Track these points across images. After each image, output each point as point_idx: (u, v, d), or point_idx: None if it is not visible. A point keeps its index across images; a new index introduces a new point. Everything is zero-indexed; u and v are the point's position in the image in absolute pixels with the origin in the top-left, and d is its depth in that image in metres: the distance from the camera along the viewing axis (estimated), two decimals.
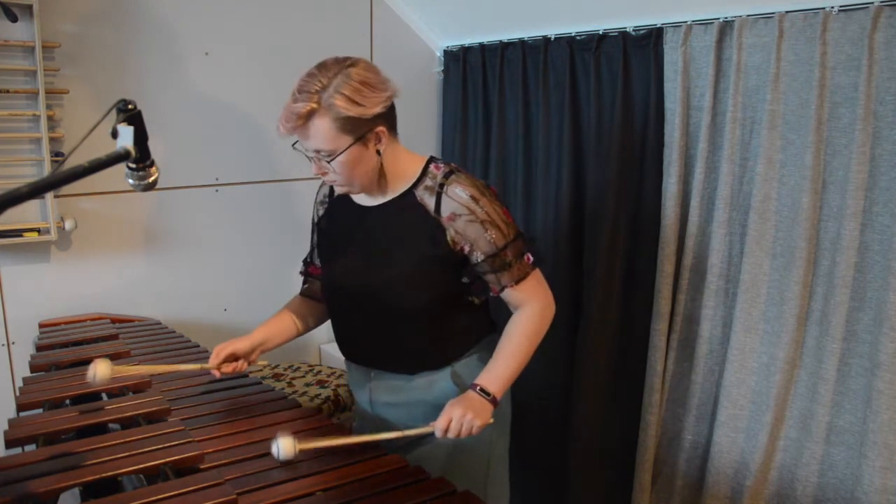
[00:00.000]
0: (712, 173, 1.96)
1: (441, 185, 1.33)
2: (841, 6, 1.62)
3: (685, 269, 2.02)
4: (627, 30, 2.06)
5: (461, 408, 1.28)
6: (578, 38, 2.21)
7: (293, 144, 1.31)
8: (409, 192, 1.35)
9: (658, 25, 1.99)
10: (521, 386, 2.53)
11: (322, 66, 1.24)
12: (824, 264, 1.76)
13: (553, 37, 2.28)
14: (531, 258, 1.37)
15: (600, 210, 2.19)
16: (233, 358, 1.43)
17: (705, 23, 1.89)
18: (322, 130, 1.22)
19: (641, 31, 2.03)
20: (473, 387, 1.34)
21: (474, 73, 2.61)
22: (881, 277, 1.64)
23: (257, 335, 1.48)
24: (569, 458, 2.32)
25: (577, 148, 2.28)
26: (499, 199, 1.36)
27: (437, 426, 1.28)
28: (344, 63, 1.24)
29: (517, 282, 1.36)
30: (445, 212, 1.32)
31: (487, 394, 1.33)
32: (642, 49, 2.04)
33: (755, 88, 1.83)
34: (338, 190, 1.38)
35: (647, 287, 2.11)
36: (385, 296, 1.37)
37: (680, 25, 1.93)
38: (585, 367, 2.26)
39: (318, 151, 1.26)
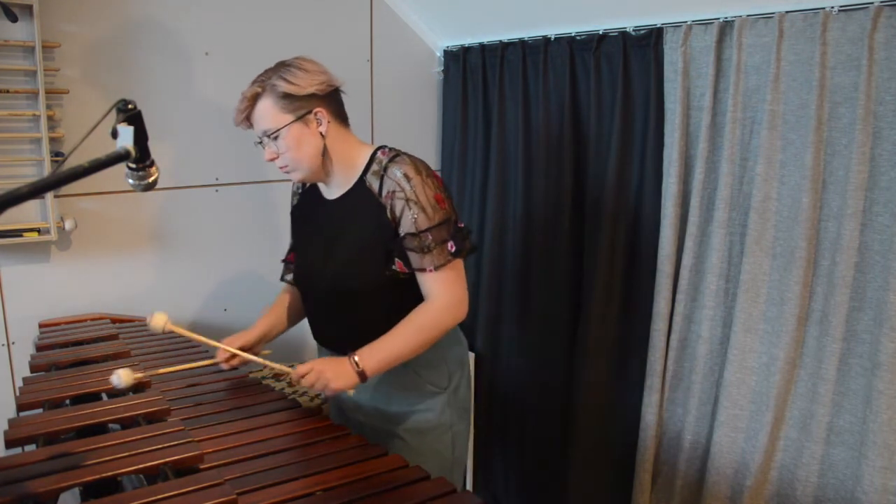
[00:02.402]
0: (712, 173, 1.95)
1: (385, 168, 1.41)
2: (841, 6, 1.62)
3: (685, 269, 2.02)
4: (627, 30, 2.06)
5: (326, 367, 1.38)
6: (578, 38, 2.21)
7: (255, 143, 1.45)
8: (361, 181, 1.45)
9: (658, 25, 1.99)
10: (522, 385, 2.54)
11: (271, 66, 1.43)
12: (824, 264, 1.76)
13: (553, 37, 2.28)
14: (453, 247, 1.40)
15: (600, 210, 2.19)
16: (242, 349, 1.56)
17: (705, 23, 1.89)
18: (265, 109, 1.39)
19: (641, 31, 2.03)
20: (350, 355, 1.39)
21: (474, 73, 2.61)
22: (881, 277, 1.64)
23: (260, 327, 1.62)
24: (569, 459, 2.32)
25: (578, 148, 2.28)
26: (440, 185, 1.42)
27: (298, 370, 1.39)
28: (286, 60, 1.42)
29: (435, 268, 1.39)
30: (385, 192, 1.41)
31: (358, 365, 1.38)
32: (642, 49, 2.04)
33: (755, 88, 1.83)
34: (292, 177, 1.48)
35: (647, 287, 2.11)
36: (340, 280, 1.46)
37: (680, 25, 1.93)
38: (585, 367, 2.26)
39: (266, 133, 1.40)
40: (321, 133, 1.41)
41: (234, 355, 1.54)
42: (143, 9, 2.12)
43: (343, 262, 1.46)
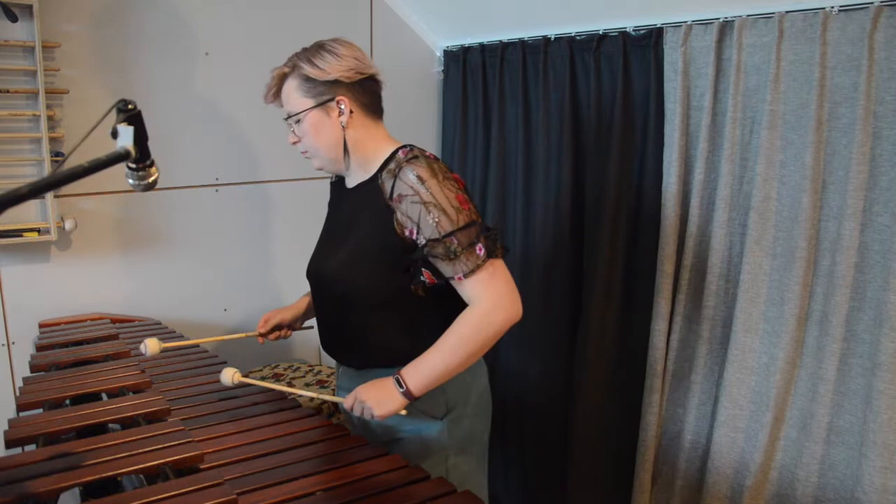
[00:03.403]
0: (712, 173, 1.96)
1: (399, 169, 1.29)
2: (841, 6, 1.62)
3: (685, 269, 2.02)
4: (627, 30, 2.06)
5: (367, 395, 1.30)
6: (578, 38, 2.21)
7: (284, 119, 1.39)
8: (375, 176, 1.35)
9: (658, 25, 1.99)
10: (522, 385, 2.54)
11: (309, 45, 1.36)
12: (824, 264, 1.76)
13: (553, 37, 2.28)
14: (482, 249, 1.26)
15: (600, 210, 2.19)
16: (278, 327, 1.57)
17: (705, 23, 1.89)
18: (289, 91, 1.34)
19: (641, 31, 2.03)
20: (395, 374, 1.29)
21: (474, 73, 2.61)
22: (881, 277, 1.64)
23: (301, 304, 1.59)
24: (569, 458, 2.32)
25: (577, 148, 2.28)
26: (461, 187, 1.30)
27: (345, 402, 1.34)
28: (324, 40, 1.35)
29: (466, 274, 1.26)
30: (395, 194, 1.29)
31: (402, 385, 1.28)
32: (642, 49, 2.04)
33: (755, 88, 1.83)
34: (312, 163, 1.42)
35: (647, 287, 2.11)
36: (332, 282, 1.38)
37: (680, 25, 1.93)
38: (585, 367, 2.26)
39: (289, 116, 1.36)
40: (342, 123, 1.33)
41: (271, 330, 1.58)
42: (143, 9, 2.12)
43: (341, 263, 1.37)
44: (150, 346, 1.40)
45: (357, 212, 1.38)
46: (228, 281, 2.42)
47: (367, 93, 1.35)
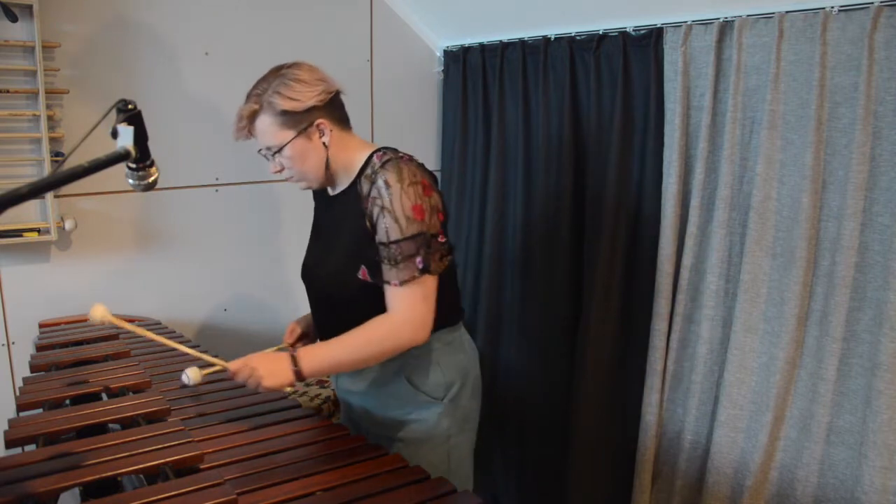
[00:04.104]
0: (712, 173, 1.96)
1: (375, 174, 1.35)
2: (841, 6, 1.62)
3: (685, 269, 2.02)
4: (627, 30, 2.06)
5: (260, 364, 1.31)
6: (578, 38, 2.21)
7: (258, 151, 1.42)
8: (355, 182, 1.41)
9: (658, 25, 1.99)
10: (522, 385, 2.54)
11: (266, 74, 1.38)
12: (824, 264, 1.76)
13: (553, 37, 2.28)
14: (421, 263, 1.31)
15: (600, 210, 2.19)
16: (304, 336, 1.60)
17: (705, 23, 1.89)
18: (265, 127, 1.36)
19: (641, 31, 2.03)
20: (292, 351, 1.34)
21: (474, 73, 2.61)
22: (881, 277, 1.64)
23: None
24: (569, 458, 2.32)
25: (577, 148, 2.28)
26: (425, 195, 1.33)
27: (231, 366, 1.33)
28: (283, 66, 1.37)
29: (401, 283, 1.32)
30: (370, 197, 1.35)
31: (296, 364, 1.32)
32: (642, 49, 2.04)
33: (755, 88, 1.83)
34: (299, 186, 1.46)
35: (647, 287, 2.11)
36: (327, 282, 1.46)
37: (680, 25, 1.93)
38: (585, 367, 2.26)
39: (269, 149, 1.38)
40: (324, 143, 1.38)
41: (298, 339, 1.59)
42: (143, 9, 2.12)
43: (332, 267, 1.44)
44: (192, 375, 1.34)
45: (342, 219, 1.44)
46: (228, 281, 2.42)
47: (337, 108, 1.41)
